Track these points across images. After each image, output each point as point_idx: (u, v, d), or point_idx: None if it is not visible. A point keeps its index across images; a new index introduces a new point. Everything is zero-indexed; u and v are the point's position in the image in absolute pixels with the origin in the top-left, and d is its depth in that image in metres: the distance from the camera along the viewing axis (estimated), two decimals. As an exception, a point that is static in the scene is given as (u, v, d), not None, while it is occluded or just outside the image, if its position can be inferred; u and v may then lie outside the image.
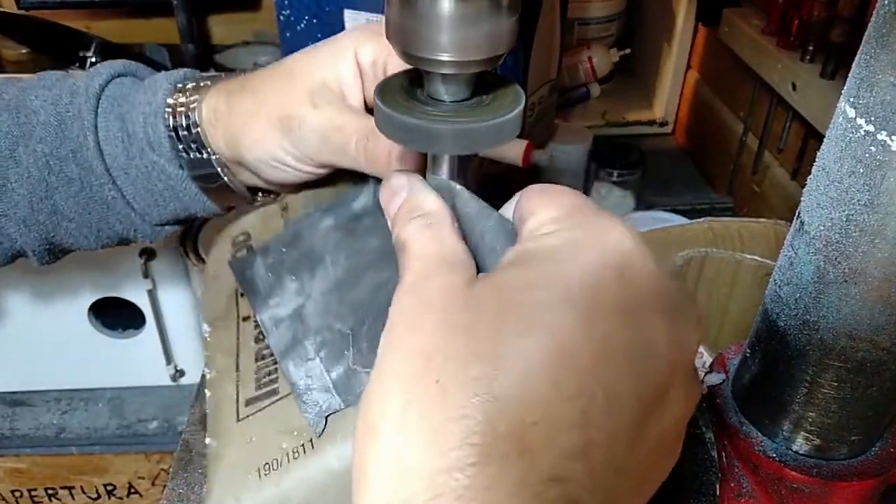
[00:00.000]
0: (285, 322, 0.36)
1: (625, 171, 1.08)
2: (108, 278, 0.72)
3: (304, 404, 0.32)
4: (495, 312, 0.23)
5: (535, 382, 0.22)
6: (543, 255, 0.25)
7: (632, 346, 0.23)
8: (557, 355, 0.22)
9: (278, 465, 0.32)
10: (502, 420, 0.21)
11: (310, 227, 0.41)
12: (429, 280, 0.25)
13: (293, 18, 0.92)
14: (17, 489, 0.82)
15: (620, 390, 0.23)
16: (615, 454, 0.23)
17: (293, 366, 0.34)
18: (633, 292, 0.24)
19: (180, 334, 0.77)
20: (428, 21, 0.28)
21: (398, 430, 0.22)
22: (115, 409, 0.80)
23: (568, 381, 0.22)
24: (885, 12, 0.28)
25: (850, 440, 0.39)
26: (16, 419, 0.79)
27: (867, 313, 0.33)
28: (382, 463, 0.22)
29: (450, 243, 0.27)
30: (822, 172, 0.33)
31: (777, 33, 0.91)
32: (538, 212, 0.27)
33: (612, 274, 0.24)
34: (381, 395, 0.23)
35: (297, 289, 0.37)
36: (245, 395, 0.36)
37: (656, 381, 0.24)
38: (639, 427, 0.23)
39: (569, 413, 0.22)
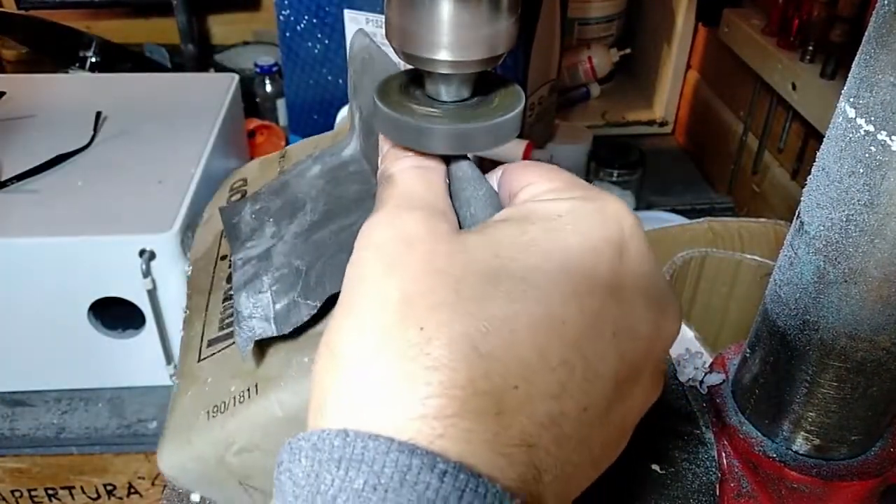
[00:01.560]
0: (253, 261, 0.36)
1: (625, 171, 1.09)
2: (108, 278, 0.72)
3: (240, 329, 0.32)
4: (488, 269, 0.22)
5: (521, 347, 0.21)
6: (543, 219, 0.24)
7: (618, 325, 0.23)
8: (547, 323, 0.22)
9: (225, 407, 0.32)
10: (484, 378, 0.20)
11: (298, 174, 0.40)
12: (412, 216, 0.24)
13: (293, 18, 0.92)
14: (17, 489, 0.82)
15: (599, 367, 0.23)
16: (582, 428, 0.23)
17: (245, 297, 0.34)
18: (628, 271, 0.24)
19: (180, 334, 0.77)
20: (427, 21, 0.27)
21: (371, 367, 0.21)
22: (115, 409, 0.80)
23: (553, 352, 0.22)
24: (885, 12, 0.28)
25: (850, 440, 0.39)
26: (15, 419, 0.79)
27: (867, 313, 0.33)
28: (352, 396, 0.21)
29: (438, 191, 0.26)
30: (822, 172, 0.33)
31: (777, 33, 0.91)
32: (535, 182, 0.27)
33: (611, 249, 0.24)
34: (355, 330, 0.22)
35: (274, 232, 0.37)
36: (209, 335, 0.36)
37: (633, 363, 0.24)
38: (608, 406, 0.23)
39: (548, 382, 0.21)
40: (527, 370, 0.21)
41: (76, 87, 1.01)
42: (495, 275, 0.22)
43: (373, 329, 0.22)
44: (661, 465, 0.41)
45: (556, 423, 0.22)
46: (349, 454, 0.19)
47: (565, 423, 0.22)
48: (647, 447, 0.36)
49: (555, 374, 0.22)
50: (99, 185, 0.77)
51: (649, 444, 0.40)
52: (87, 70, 1.19)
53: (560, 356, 0.22)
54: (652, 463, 0.41)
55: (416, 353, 0.21)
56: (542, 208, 0.25)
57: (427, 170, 0.27)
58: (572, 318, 0.22)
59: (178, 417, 0.34)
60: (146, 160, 0.82)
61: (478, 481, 0.19)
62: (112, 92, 0.96)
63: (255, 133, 1.14)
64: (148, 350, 0.77)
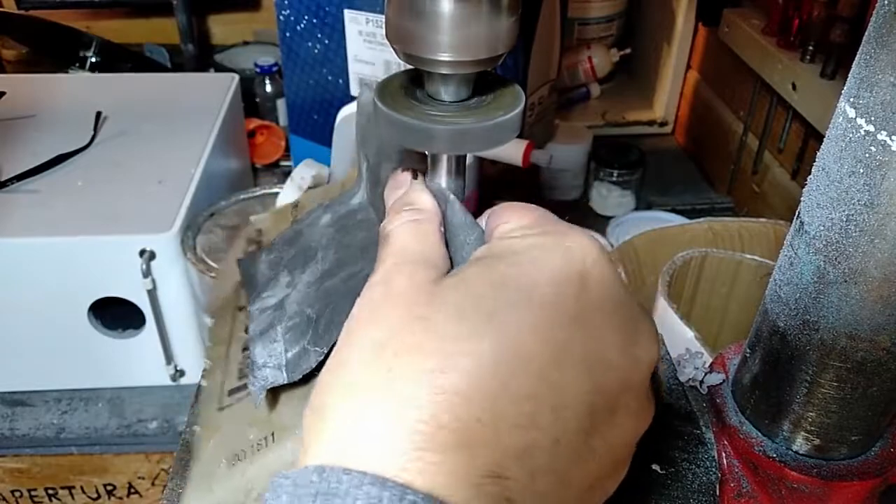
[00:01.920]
0: (268, 311, 0.37)
1: (625, 171, 1.09)
2: (108, 278, 0.72)
3: (254, 378, 0.33)
4: (454, 308, 0.23)
5: (485, 381, 0.22)
6: (508, 256, 0.25)
7: (586, 356, 0.24)
8: (510, 356, 0.22)
9: (244, 455, 0.33)
10: (448, 412, 0.21)
11: (310, 223, 0.42)
12: (399, 273, 0.26)
13: (293, 18, 0.92)
14: (17, 489, 0.82)
15: (569, 398, 0.23)
16: (558, 461, 0.23)
17: (259, 347, 0.35)
18: (593, 303, 0.25)
19: (180, 334, 0.77)
20: (427, 21, 0.28)
21: (345, 408, 0.22)
22: (115, 409, 0.80)
23: (517, 383, 0.22)
24: (885, 12, 0.28)
25: (851, 440, 0.39)
26: (15, 419, 0.79)
27: (867, 313, 0.33)
28: (326, 442, 0.22)
29: (431, 242, 0.28)
30: (822, 172, 0.33)
31: (777, 33, 0.91)
32: (508, 220, 0.28)
33: (574, 282, 0.25)
34: (330, 382, 0.23)
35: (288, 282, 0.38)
36: (229, 384, 0.37)
37: (608, 394, 0.24)
38: (586, 438, 0.24)
39: (514, 414, 0.22)
40: (491, 403, 0.22)
41: (76, 87, 1.01)
42: (461, 313, 0.23)
43: (348, 377, 0.23)
44: (661, 464, 0.41)
45: (528, 454, 0.22)
46: (325, 488, 0.20)
47: (537, 455, 0.22)
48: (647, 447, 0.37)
49: (520, 406, 0.22)
50: (99, 185, 0.77)
51: (649, 444, 0.40)
52: (87, 70, 1.19)
53: (525, 388, 0.22)
54: (652, 463, 0.41)
55: (383, 394, 0.22)
56: (508, 245, 0.26)
57: (421, 223, 0.28)
58: (537, 351, 0.23)
59: (200, 466, 0.35)
60: (146, 160, 0.82)
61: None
62: (112, 92, 0.96)
63: (255, 133, 1.14)
64: (148, 350, 0.77)
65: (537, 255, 0.25)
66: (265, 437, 0.33)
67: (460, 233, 0.30)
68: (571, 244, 0.26)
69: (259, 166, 1.14)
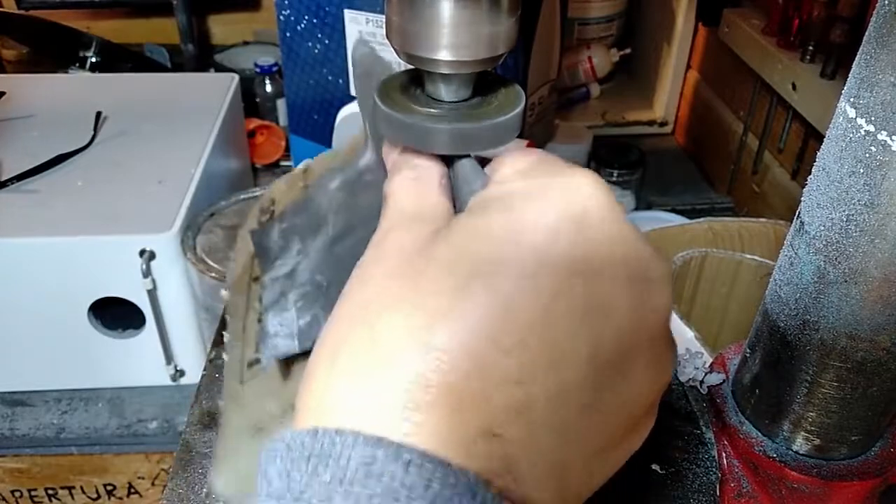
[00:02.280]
0: (280, 280, 0.37)
1: (625, 171, 1.09)
2: (108, 278, 0.72)
3: (266, 347, 0.33)
4: (442, 263, 0.22)
5: (470, 336, 0.21)
6: (499, 203, 0.24)
7: (585, 305, 0.22)
8: (499, 310, 0.21)
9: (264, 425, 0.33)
10: (434, 371, 0.20)
11: (320, 189, 0.41)
12: (392, 233, 0.25)
13: (293, 18, 0.92)
14: (17, 489, 0.82)
15: (567, 349, 0.22)
16: (559, 415, 0.22)
17: (272, 316, 0.35)
18: (592, 245, 0.23)
19: (180, 334, 0.77)
20: (427, 21, 0.27)
21: (333, 375, 0.22)
22: (115, 409, 0.80)
23: (506, 339, 0.21)
24: (885, 12, 0.28)
25: (851, 440, 0.39)
26: (15, 419, 0.79)
27: (867, 313, 0.33)
28: (316, 405, 0.22)
29: (431, 200, 0.26)
30: (823, 172, 0.33)
31: (777, 33, 0.91)
32: (506, 164, 0.26)
33: (570, 226, 0.23)
34: (320, 343, 0.23)
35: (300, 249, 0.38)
36: (248, 356, 0.37)
37: (614, 344, 0.22)
38: (592, 391, 0.22)
39: (505, 369, 0.21)
40: (478, 358, 0.21)
41: (76, 87, 1.01)
42: (446, 267, 0.22)
43: (332, 336, 0.23)
44: (661, 465, 0.41)
45: (524, 410, 0.21)
46: (317, 450, 0.20)
47: (535, 411, 0.21)
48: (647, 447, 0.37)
49: (511, 360, 0.21)
50: (99, 185, 0.77)
51: (649, 444, 0.40)
52: (87, 70, 1.19)
53: (514, 342, 0.21)
54: (652, 463, 0.41)
55: (366, 351, 0.21)
56: (500, 191, 0.25)
57: (422, 179, 0.27)
58: (526, 301, 0.21)
59: (226, 440, 0.36)
60: (146, 160, 0.82)
61: (445, 470, 0.19)
62: (112, 92, 0.96)
63: (255, 133, 1.14)
64: (148, 350, 0.77)
65: (528, 199, 0.24)
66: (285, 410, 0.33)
67: (464, 185, 0.29)
68: (568, 186, 0.24)
69: (259, 166, 1.14)
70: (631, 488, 0.40)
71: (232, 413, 0.36)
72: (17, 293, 0.72)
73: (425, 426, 0.20)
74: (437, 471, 0.19)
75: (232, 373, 0.38)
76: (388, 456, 0.19)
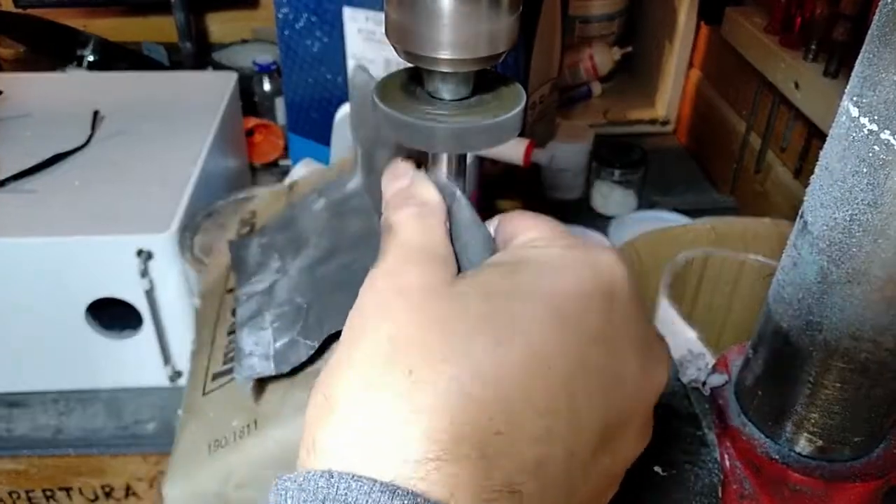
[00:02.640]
0: (257, 296, 0.37)
1: (626, 171, 1.08)
2: (106, 279, 0.72)
3: (241, 367, 0.33)
4: (478, 313, 0.23)
5: (508, 391, 0.21)
6: (535, 265, 0.25)
7: (605, 373, 0.23)
8: (535, 369, 0.22)
9: (226, 441, 0.33)
10: (468, 423, 0.21)
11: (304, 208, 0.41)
12: (409, 267, 0.25)
13: (292, 16, 0.92)
14: (15, 490, 0.82)
15: (585, 413, 0.23)
16: (569, 475, 0.23)
17: (247, 333, 0.34)
18: (617, 321, 0.24)
19: (178, 335, 0.77)
20: (427, 19, 0.27)
21: (360, 412, 0.21)
22: (113, 410, 0.80)
23: (540, 396, 0.22)
24: (889, 10, 0.28)
25: (854, 441, 0.38)
26: (13, 420, 0.79)
27: (871, 314, 0.33)
28: (338, 437, 0.21)
29: (438, 238, 0.27)
30: (826, 172, 0.33)
31: (780, 31, 0.91)
32: (528, 230, 0.27)
33: (602, 297, 0.24)
34: (346, 375, 0.22)
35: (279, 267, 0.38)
36: (213, 368, 0.37)
37: (621, 411, 0.24)
38: (595, 454, 0.24)
39: (534, 427, 0.21)
40: (512, 414, 0.21)
41: (73, 85, 1.01)
42: (484, 319, 0.22)
43: (362, 374, 0.22)
44: (662, 466, 0.41)
45: (543, 468, 0.22)
46: (333, 494, 0.20)
47: (551, 470, 0.22)
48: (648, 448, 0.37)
49: (541, 419, 0.22)
50: (96, 185, 0.77)
51: (651, 446, 0.40)
52: (84, 69, 1.18)
53: (547, 402, 0.22)
54: (654, 464, 0.41)
55: (402, 397, 0.21)
56: (535, 254, 0.26)
57: (426, 217, 0.28)
58: (559, 363, 0.22)
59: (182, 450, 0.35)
60: (144, 159, 0.81)
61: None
62: (110, 91, 0.96)
63: (254, 132, 1.14)
64: (145, 351, 0.77)
65: (564, 266, 0.25)
66: (247, 425, 0.33)
67: (465, 232, 0.29)
68: (602, 260, 0.25)
69: (257, 165, 1.14)
70: (632, 490, 0.39)
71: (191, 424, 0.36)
72: (13, 293, 0.72)
73: (452, 478, 0.20)
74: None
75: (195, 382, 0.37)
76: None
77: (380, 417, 0.21)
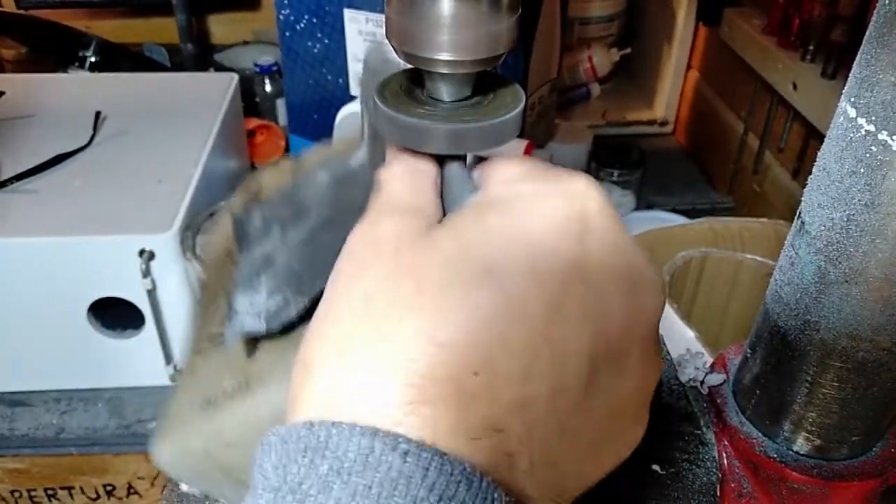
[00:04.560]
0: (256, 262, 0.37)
1: (625, 171, 1.08)
2: (108, 278, 0.72)
3: (231, 325, 0.33)
4: (448, 259, 0.22)
5: (479, 334, 0.21)
6: (504, 204, 0.24)
7: (586, 305, 0.23)
8: (507, 309, 0.22)
9: (216, 400, 0.33)
10: (443, 366, 0.21)
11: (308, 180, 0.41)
12: (387, 220, 0.25)
13: (293, 18, 0.92)
14: (17, 489, 0.82)
15: (568, 349, 0.22)
16: (558, 412, 0.22)
17: (241, 295, 0.34)
18: (594, 250, 0.23)
19: (180, 334, 0.77)
20: (427, 20, 0.27)
21: (335, 363, 0.22)
22: (115, 409, 0.80)
23: (514, 336, 0.21)
24: (886, 12, 0.28)
25: (851, 440, 0.39)
26: (15, 419, 0.79)
27: (868, 313, 0.33)
28: (316, 397, 0.22)
29: (424, 193, 0.27)
30: (823, 172, 0.33)
31: (778, 33, 0.91)
32: (501, 170, 0.27)
33: (574, 229, 0.23)
34: (320, 335, 0.23)
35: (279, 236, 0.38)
36: (210, 329, 0.37)
37: (609, 344, 0.23)
38: (588, 389, 0.23)
39: (512, 367, 0.21)
40: (487, 356, 0.21)
41: (75, 86, 1.01)
42: (455, 265, 0.22)
43: (337, 329, 0.22)
44: (661, 465, 0.41)
45: (525, 408, 0.22)
46: (314, 442, 0.20)
47: (535, 408, 0.22)
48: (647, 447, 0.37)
49: (518, 359, 0.21)
50: (98, 185, 0.77)
51: (650, 445, 0.40)
52: (86, 70, 1.18)
53: (522, 340, 0.22)
54: (652, 463, 0.41)
55: (376, 346, 0.21)
56: (503, 192, 0.25)
57: (416, 173, 0.27)
58: (534, 302, 0.22)
59: (173, 409, 0.35)
60: (145, 160, 0.82)
61: (442, 459, 0.19)
62: (111, 92, 0.96)
63: (255, 133, 1.14)
64: (147, 350, 0.77)
65: (534, 201, 0.24)
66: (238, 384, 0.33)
67: (454, 187, 0.29)
68: (572, 191, 0.24)
69: (259, 166, 1.14)
70: (631, 489, 0.40)
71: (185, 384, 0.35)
72: (15, 293, 0.72)
73: (431, 420, 0.20)
74: (433, 460, 0.19)
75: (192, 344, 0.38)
76: (385, 446, 0.19)
77: (355, 370, 0.21)
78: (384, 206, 0.26)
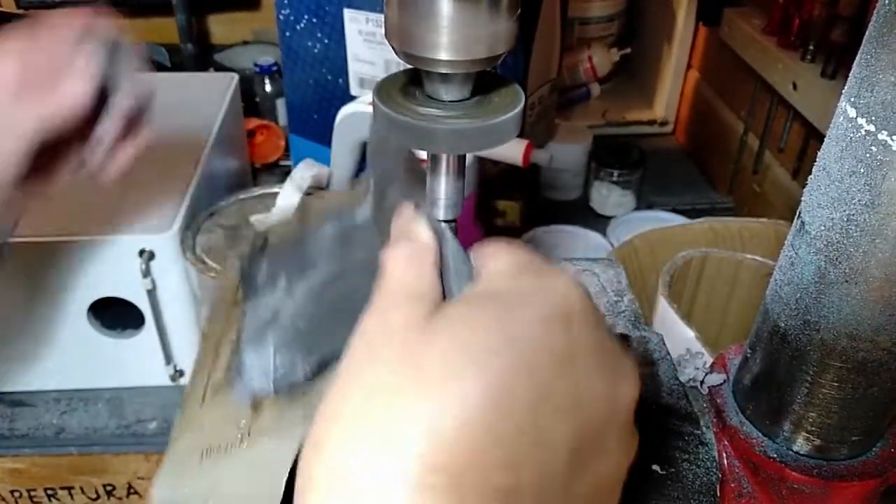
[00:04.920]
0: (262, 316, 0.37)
1: (625, 171, 1.08)
2: (108, 278, 0.72)
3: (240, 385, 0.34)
4: (445, 350, 0.24)
5: (470, 423, 0.23)
6: (494, 297, 0.26)
7: (570, 396, 0.24)
8: (496, 398, 0.23)
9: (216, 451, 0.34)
10: (437, 455, 0.22)
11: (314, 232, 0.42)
12: (396, 308, 0.26)
13: (293, 18, 0.92)
14: (17, 489, 0.82)
15: (555, 437, 0.24)
16: (544, 496, 0.24)
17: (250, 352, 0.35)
18: (577, 344, 0.25)
19: (180, 334, 0.77)
20: (426, 20, 0.27)
21: (341, 450, 0.23)
22: (115, 409, 0.80)
23: (504, 425, 0.23)
24: (886, 12, 0.28)
25: (851, 440, 0.39)
26: (15, 419, 0.79)
27: (868, 313, 0.33)
28: (324, 476, 0.23)
29: (425, 274, 0.28)
30: (823, 172, 0.33)
31: (778, 33, 0.91)
32: (494, 261, 0.29)
33: (559, 323, 0.25)
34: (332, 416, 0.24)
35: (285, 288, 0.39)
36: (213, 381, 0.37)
37: (591, 431, 0.25)
38: (572, 474, 0.24)
39: (501, 455, 0.23)
40: (477, 444, 0.23)
41: (76, 86, 1.01)
42: (451, 355, 0.24)
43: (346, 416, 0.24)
44: (661, 465, 0.41)
45: (514, 494, 0.23)
46: None
47: (523, 495, 0.23)
48: (647, 448, 0.37)
49: (507, 447, 0.23)
50: (98, 185, 0.77)
51: (650, 445, 0.40)
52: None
53: (512, 429, 0.23)
54: (652, 463, 0.41)
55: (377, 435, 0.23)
56: (494, 286, 0.27)
57: (417, 256, 0.29)
58: (522, 392, 0.23)
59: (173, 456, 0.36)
60: (145, 160, 0.81)
61: None
62: (111, 91, 0.96)
63: (255, 133, 1.14)
64: (147, 350, 0.77)
65: (523, 296, 0.26)
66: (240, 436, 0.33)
67: (454, 267, 0.30)
68: (557, 287, 0.26)
69: (258, 166, 1.14)
70: (631, 489, 0.40)
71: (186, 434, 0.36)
72: (16, 293, 0.72)
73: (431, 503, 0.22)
74: None
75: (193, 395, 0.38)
76: None
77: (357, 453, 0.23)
78: (391, 290, 0.28)
